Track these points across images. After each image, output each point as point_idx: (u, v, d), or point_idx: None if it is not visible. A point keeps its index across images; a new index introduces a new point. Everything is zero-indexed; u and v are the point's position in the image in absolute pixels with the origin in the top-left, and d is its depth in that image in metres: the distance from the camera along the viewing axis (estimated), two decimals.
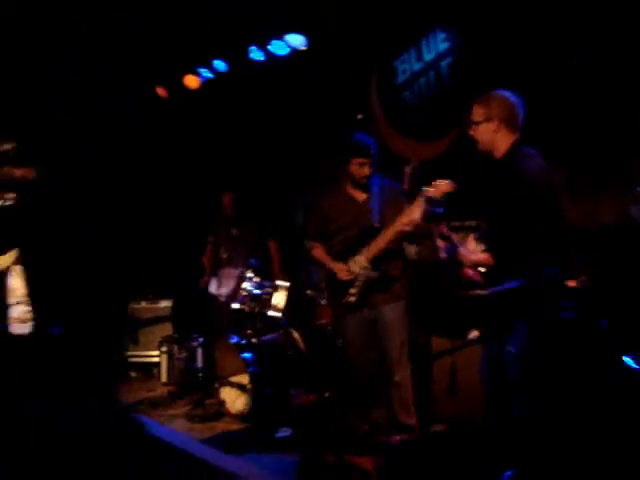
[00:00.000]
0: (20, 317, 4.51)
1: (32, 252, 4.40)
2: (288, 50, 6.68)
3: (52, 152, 4.82)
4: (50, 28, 6.13)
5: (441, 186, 3.77)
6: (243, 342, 5.30)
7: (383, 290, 4.38)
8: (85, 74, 6.67)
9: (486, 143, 3.44)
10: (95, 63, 6.65)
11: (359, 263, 4.34)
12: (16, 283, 4.59)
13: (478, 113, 3.42)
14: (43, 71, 6.36)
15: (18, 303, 4.55)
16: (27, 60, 6.16)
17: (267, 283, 5.51)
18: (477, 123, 3.41)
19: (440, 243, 3.53)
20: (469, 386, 4.40)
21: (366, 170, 4.40)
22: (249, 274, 5.56)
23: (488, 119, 3.38)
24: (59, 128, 6.39)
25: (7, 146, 4.07)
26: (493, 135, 3.40)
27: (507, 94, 3.41)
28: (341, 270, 4.37)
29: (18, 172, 4.05)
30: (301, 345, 5.39)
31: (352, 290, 4.35)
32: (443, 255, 3.52)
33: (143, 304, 7.05)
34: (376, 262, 4.32)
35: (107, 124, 7.17)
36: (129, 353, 7.00)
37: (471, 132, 3.45)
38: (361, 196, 4.52)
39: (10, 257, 4.53)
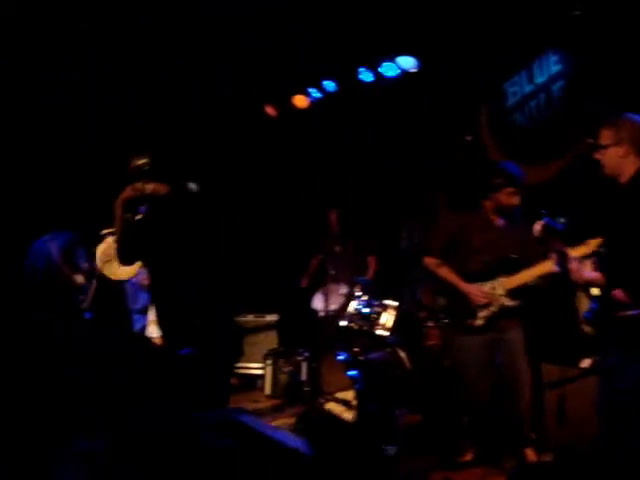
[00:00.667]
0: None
1: (157, 266, 4.59)
2: (398, 72, 6.77)
3: (182, 169, 5.01)
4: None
5: (591, 245, 3.71)
6: (350, 359, 5.36)
7: (509, 315, 4.41)
8: (204, 93, 6.94)
9: (613, 167, 3.37)
10: (213, 82, 6.91)
11: (497, 290, 4.38)
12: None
13: (607, 136, 3.36)
14: (178, 90, 6.68)
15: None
16: (155, 82, 6.47)
17: (376, 302, 5.56)
18: (605, 147, 3.35)
19: (555, 257, 3.49)
20: (578, 414, 4.30)
21: (515, 200, 4.43)
22: (357, 292, 5.63)
23: (617, 143, 3.32)
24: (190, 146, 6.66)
25: (141, 161, 4.23)
26: (620, 159, 3.33)
27: (637, 118, 3.36)
28: (477, 293, 4.40)
29: (149, 187, 4.20)
30: (407, 365, 5.41)
31: (482, 313, 4.40)
32: (556, 269, 3.47)
33: (250, 317, 7.22)
34: (513, 292, 4.37)
35: (218, 144, 7.43)
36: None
37: (597, 156, 3.39)
38: (501, 223, 4.55)
39: (134, 269, 4.75)
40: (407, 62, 6.64)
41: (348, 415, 5.25)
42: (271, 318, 7.18)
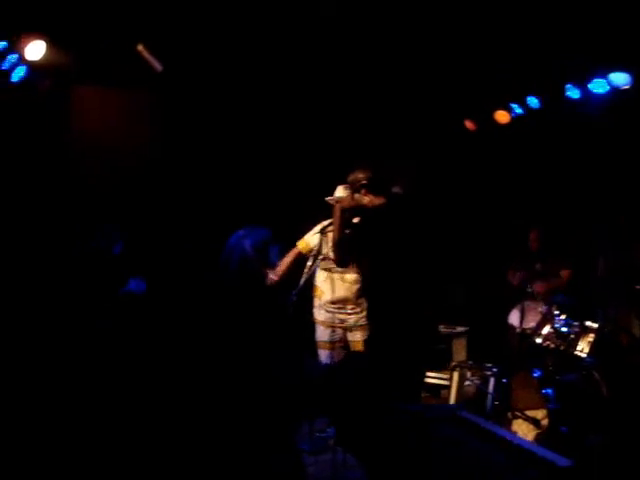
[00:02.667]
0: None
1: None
2: (608, 88, 6.59)
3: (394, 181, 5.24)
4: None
5: None
6: (545, 377, 5.31)
7: None
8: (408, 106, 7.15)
9: None
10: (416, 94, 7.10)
11: None
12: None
13: None
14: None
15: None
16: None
17: (575, 322, 5.46)
18: None
19: None
20: None
21: None
22: (556, 311, 5.56)
23: None
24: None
25: (361, 175, 4.53)
26: None
27: None
28: None
29: (366, 200, 4.47)
30: (604, 389, 5.27)
31: None
32: None
33: (440, 327, 7.28)
34: None
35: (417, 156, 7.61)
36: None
37: None
38: None
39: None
40: (620, 78, 6.44)
41: (533, 434, 5.19)
42: (461, 329, 7.20)
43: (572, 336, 5.42)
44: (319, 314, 5.45)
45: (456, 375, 6.62)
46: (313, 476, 3.14)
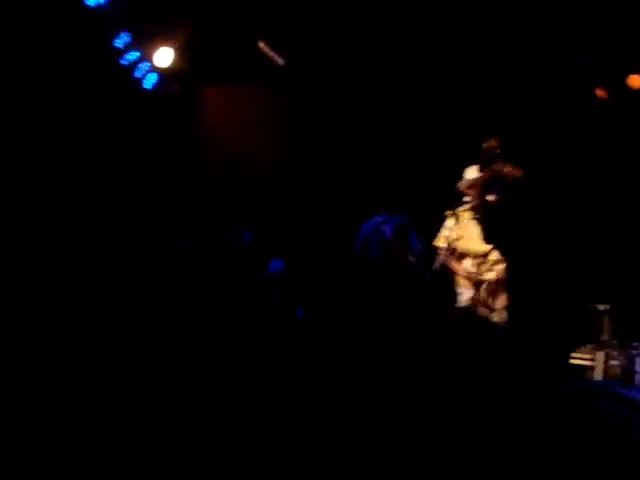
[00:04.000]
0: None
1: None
2: None
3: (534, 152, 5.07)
4: None
5: None
6: None
7: None
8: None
9: None
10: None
11: None
12: None
13: None
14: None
15: None
16: None
17: None
18: None
19: None
20: None
21: None
22: None
23: None
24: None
25: (493, 142, 4.36)
26: None
27: None
28: None
29: (507, 169, 4.30)
30: None
31: None
32: None
33: (581, 305, 7.00)
34: None
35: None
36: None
37: None
38: None
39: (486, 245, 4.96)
40: None
41: None
42: (603, 307, 6.92)
43: None
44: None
45: (600, 355, 6.41)
46: None
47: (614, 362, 6.29)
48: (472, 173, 5.06)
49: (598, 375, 6.41)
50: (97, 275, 5.39)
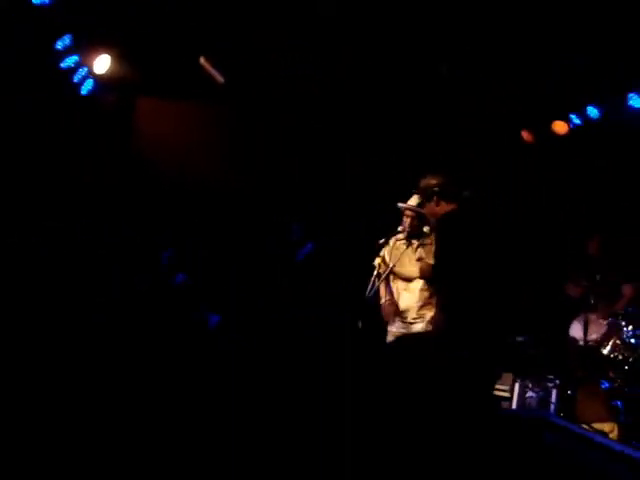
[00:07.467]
0: None
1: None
2: None
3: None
4: None
5: None
6: (613, 389, 5.25)
7: None
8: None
9: None
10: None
11: None
12: None
13: None
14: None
15: None
16: None
17: None
18: None
19: None
20: None
21: None
22: (622, 322, 5.50)
23: None
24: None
25: (432, 181, 4.45)
26: None
27: None
28: None
29: (439, 209, 4.39)
30: None
31: None
32: None
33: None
34: None
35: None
36: None
37: None
38: None
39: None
40: None
41: None
42: (521, 339, 7.11)
43: None
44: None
45: (517, 386, 6.57)
46: None
47: (530, 394, 6.46)
48: (413, 200, 5.17)
49: (514, 407, 6.57)
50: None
